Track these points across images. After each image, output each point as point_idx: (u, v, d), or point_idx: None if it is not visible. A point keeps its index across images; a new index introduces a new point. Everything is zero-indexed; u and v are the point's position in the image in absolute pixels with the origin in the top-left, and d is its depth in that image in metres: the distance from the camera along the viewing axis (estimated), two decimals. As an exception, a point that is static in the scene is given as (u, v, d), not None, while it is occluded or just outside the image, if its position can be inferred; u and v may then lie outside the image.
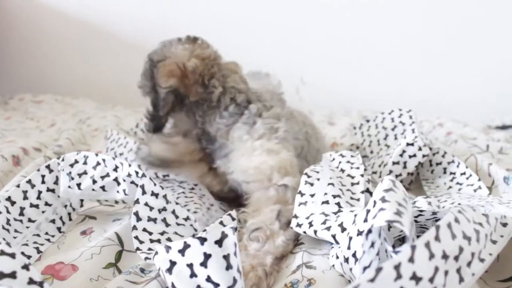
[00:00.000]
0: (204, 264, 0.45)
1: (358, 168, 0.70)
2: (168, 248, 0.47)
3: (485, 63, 1.70)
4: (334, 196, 0.62)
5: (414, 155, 0.85)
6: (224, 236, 0.45)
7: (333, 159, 0.75)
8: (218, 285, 0.44)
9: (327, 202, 0.61)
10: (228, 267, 0.44)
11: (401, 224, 0.41)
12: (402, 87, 1.81)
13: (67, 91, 1.90)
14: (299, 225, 0.61)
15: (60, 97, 1.82)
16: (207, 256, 0.44)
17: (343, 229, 0.54)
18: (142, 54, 0.78)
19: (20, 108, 1.68)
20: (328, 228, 0.56)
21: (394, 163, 0.85)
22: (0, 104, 1.76)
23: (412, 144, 0.85)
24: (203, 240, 0.45)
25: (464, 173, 0.83)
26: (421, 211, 0.53)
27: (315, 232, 0.58)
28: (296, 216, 0.63)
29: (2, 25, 1.99)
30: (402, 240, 0.54)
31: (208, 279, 0.44)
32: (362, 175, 0.68)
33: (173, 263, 0.46)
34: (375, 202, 0.46)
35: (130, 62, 1.96)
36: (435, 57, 1.75)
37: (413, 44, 1.77)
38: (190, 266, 0.45)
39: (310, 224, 0.59)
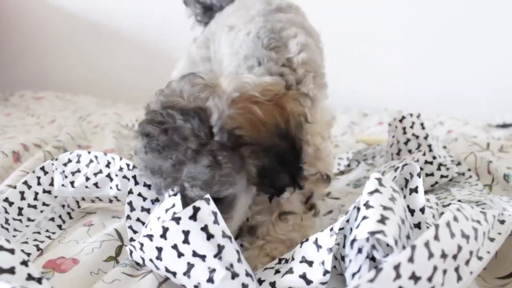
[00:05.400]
0: (186, 241, 0.46)
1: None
2: (151, 237, 0.47)
3: (486, 62, 1.69)
4: None
5: (432, 174, 0.81)
6: (196, 210, 0.46)
7: None
8: (204, 256, 0.45)
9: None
10: (209, 237, 0.46)
11: (384, 235, 0.40)
12: (402, 85, 1.80)
13: (68, 88, 1.90)
14: None
15: (60, 94, 1.82)
16: (186, 233, 0.46)
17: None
18: (142, 51, 0.78)
19: (20, 105, 1.68)
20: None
21: None
22: (1, 100, 1.76)
23: (431, 163, 0.81)
24: (178, 220, 0.46)
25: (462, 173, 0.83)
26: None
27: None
28: None
29: (3, 22, 1.99)
30: None
31: (195, 254, 0.46)
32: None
33: (159, 249, 0.47)
34: (358, 208, 0.45)
35: (130, 59, 1.97)
36: (436, 55, 1.74)
37: (414, 43, 1.76)
38: (175, 247, 0.46)
39: None
